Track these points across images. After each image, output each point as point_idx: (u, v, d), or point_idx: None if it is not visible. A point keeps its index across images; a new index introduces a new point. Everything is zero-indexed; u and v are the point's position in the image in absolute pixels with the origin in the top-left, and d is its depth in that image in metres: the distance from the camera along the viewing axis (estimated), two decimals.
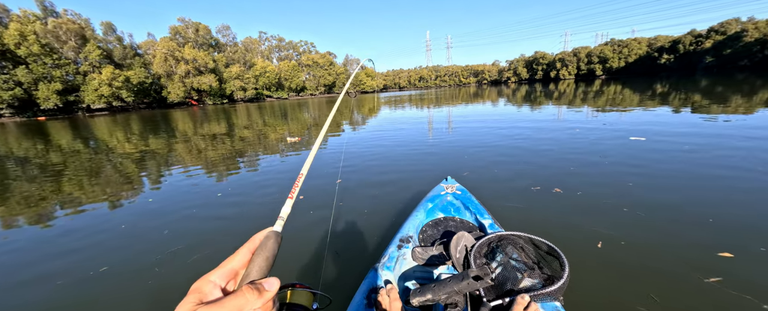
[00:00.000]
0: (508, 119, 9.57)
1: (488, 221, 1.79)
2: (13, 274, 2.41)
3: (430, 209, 1.99)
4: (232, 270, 0.40)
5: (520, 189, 3.44)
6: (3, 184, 5.33)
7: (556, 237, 2.34)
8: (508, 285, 0.98)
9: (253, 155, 6.57)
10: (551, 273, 1.00)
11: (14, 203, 4.23)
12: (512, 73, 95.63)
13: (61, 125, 20.80)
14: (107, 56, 41.78)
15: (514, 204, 3.03)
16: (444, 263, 1.47)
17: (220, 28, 62.63)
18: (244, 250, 0.42)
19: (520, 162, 4.57)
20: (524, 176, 3.91)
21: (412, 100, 26.23)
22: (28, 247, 2.86)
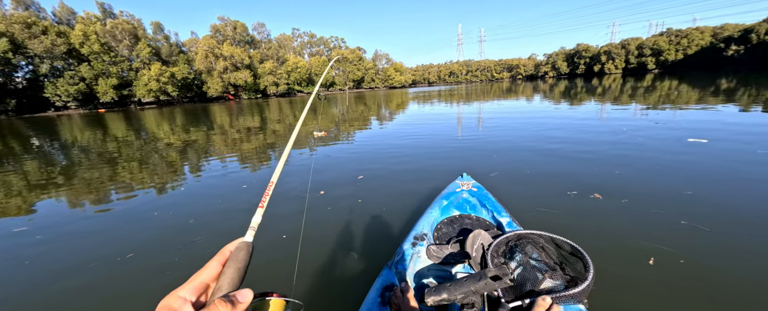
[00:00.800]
0: (544, 117, 9.04)
1: (506, 220, 1.74)
2: (57, 254, 2.65)
3: (445, 206, 1.95)
4: (202, 283, 0.38)
5: (553, 193, 3.23)
6: (69, 169, 6.01)
7: (594, 248, 2.15)
8: (527, 286, 0.94)
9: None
10: (574, 275, 0.95)
11: (77, 186, 4.75)
12: (550, 67, 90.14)
13: (117, 117, 23.03)
14: (156, 54, 45.41)
15: (546, 209, 2.84)
16: (460, 262, 1.44)
17: (256, 26, 65.48)
18: (213, 262, 0.41)
19: (555, 163, 4.29)
20: (559, 178, 3.66)
21: (441, 95, 25.70)
22: (77, 229, 3.19)
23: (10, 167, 6.42)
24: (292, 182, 4.18)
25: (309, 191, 3.77)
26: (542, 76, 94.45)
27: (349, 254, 2.33)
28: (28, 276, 2.32)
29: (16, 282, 2.28)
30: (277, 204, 3.44)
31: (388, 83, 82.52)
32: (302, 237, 2.64)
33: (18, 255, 2.64)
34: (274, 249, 2.46)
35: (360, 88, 77.00)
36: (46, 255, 2.60)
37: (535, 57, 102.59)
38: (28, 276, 2.32)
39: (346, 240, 2.53)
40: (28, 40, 34.24)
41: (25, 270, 2.40)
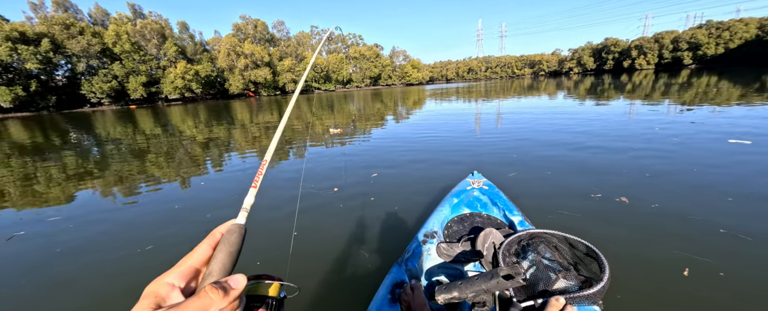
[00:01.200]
0: (567, 115, 8.67)
1: (518, 218, 1.72)
2: (84, 244, 2.81)
3: (455, 204, 1.94)
4: (192, 268, 0.36)
5: (576, 195, 3.08)
6: (103, 162, 6.39)
7: (620, 256, 2.05)
8: (540, 286, 0.93)
9: (301, 144, 6.92)
10: (589, 275, 0.92)
11: (108, 178, 5.04)
12: (575, 63, 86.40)
13: (146, 113, 24.27)
14: (181, 52, 47.33)
15: (567, 211, 2.72)
16: (470, 260, 1.43)
17: (276, 24, 66.82)
18: (203, 246, 0.38)
19: (578, 164, 4.11)
20: (582, 179, 3.49)
21: (459, 92, 25.26)
22: (105, 219, 3.37)
23: (51, 159, 6.90)
24: (309, 179, 4.23)
25: (300, 187, 3.81)
26: (566, 72, 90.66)
27: (359, 251, 2.34)
28: (56, 264, 2.48)
29: (45, 268, 2.44)
30: (283, 201, 3.49)
31: (405, 80, 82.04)
32: (293, 233, 2.67)
33: (51, 242, 2.83)
34: (282, 245, 2.51)
35: (377, 85, 77.01)
36: (74, 244, 2.77)
37: (559, 52, 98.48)
38: (56, 264, 2.48)
39: (356, 238, 2.53)
40: (66, 40, 36.62)
41: (55, 258, 2.56)
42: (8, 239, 2.92)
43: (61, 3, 42.19)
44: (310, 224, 2.82)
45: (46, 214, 3.52)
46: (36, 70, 34.11)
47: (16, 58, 31.73)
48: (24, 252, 2.69)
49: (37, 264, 2.50)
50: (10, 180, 5.19)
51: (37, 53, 32.60)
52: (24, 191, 4.52)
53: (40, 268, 2.43)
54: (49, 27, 36.10)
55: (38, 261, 2.53)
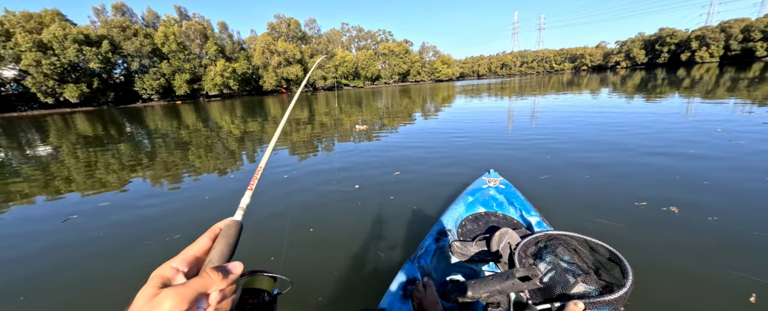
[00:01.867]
0: (612, 113, 8.04)
1: (535, 219, 1.67)
2: (124, 230, 3.06)
3: (470, 202, 1.91)
4: (193, 256, 0.40)
5: (617, 202, 2.86)
6: (152, 153, 7.02)
7: (667, 273, 1.87)
8: (557, 289, 0.90)
9: (328, 141, 7.08)
10: (610, 280, 0.89)
11: (155, 169, 5.52)
12: (623, 56, 79.53)
13: (189, 108, 26.19)
14: (221, 51, 50.31)
15: (606, 220, 2.52)
16: (484, 260, 1.41)
17: (308, 22, 68.65)
18: (204, 238, 0.43)
19: (621, 167, 3.79)
20: (625, 185, 3.23)
21: (491, 89, 24.37)
22: (146, 206, 3.69)
23: (109, 149, 7.71)
24: (331, 176, 4.33)
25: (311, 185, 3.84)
26: (612, 66, 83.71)
27: (373, 248, 2.36)
28: (96, 248, 2.72)
29: (86, 249, 2.70)
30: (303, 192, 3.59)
31: (434, 76, 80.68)
32: (309, 229, 2.72)
33: (96, 226, 3.12)
34: (296, 239, 2.59)
35: (405, 81, 76.52)
36: (115, 230, 3.04)
37: (604, 45, 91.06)
38: (96, 248, 2.72)
39: (371, 235, 2.55)
40: (123, 41, 40.46)
41: (96, 243, 2.81)
42: (63, 221, 3.29)
43: (119, 7, 46.63)
44: (327, 220, 2.88)
45: (97, 200, 3.92)
46: (98, 69, 38.10)
47: (82, 59, 35.67)
48: (73, 234, 3.01)
49: (81, 245, 2.79)
50: (75, 167, 5.88)
51: (98, 54, 36.39)
52: (84, 178, 5.10)
53: (82, 249, 2.71)
54: (109, 30, 40.08)
55: (83, 243, 2.82)
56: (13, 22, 32.90)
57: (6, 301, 2.08)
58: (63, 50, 33.59)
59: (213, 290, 0.36)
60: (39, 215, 3.56)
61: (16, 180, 5.14)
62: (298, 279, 2.02)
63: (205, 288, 0.35)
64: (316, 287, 1.96)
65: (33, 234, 3.07)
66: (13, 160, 7.02)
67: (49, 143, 9.38)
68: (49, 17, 35.47)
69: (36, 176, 5.36)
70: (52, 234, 3.04)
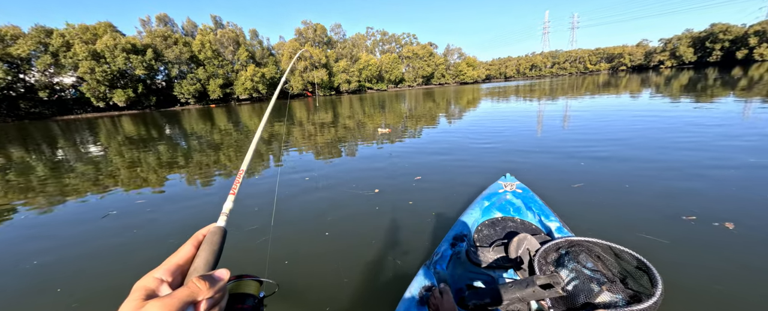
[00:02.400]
0: (654, 116, 7.47)
1: (555, 224, 1.60)
2: (155, 227, 3.24)
3: (486, 207, 1.87)
4: (177, 265, 0.40)
5: (661, 215, 2.61)
6: (189, 153, 7.49)
7: (719, 298, 1.68)
8: (581, 298, 0.86)
9: (352, 143, 7.18)
10: (638, 290, 0.85)
11: (189, 168, 5.88)
12: (668, 55, 73.87)
13: (221, 111, 27.71)
14: (251, 57, 52.88)
15: (650, 236, 2.31)
16: (502, 266, 1.38)
17: (333, 27, 70.45)
18: (187, 245, 0.42)
19: (666, 177, 3.48)
20: (671, 198, 2.94)
21: (519, 91, 23.57)
22: (176, 204, 3.92)
23: (150, 149, 8.33)
24: (350, 180, 4.37)
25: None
26: (656, 66, 77.92)
27: (389, 253, 2.34)
28: (129, 243, 2.89)
29: (120, 244, 2.87)
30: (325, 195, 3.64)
31: (459, 79, 79.45)
32: (325, 233, 2.74)
33: (131, 223, 3.32)
34: (312, 243, 2.63)
35: (429, 84, 76.03)
36: (147, 227, 3.22)
37: (646, 43, 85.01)
38: (129, 243, 2.89)
39: (387, 240, 2.52)
40: (164, 49, 43.75)
41: (129, 238, 2.99)
42: (103, 217, 3.55)
43: (162, 18, 50.57)
44: (343, 225, 2.88)
45: (135, 197, 4.21)
46: (142, 75, 41.44)
47: (129, 66, 39.00)
48: (110, 229, 3.23)
49: (116, 240, 2.99)
50: (120, 166, 6.41)
51: (143, 61, 39.61)
52: (126, 175, 5.53)
53: (117, 244, 2.90)
54: (153, 39, 43.53)
55: (117, 238, 3.02)
56: (72, 34, 36.69)
57: (43, 294, 2.29)
58: (113, 59, 36.95)
59: (200, 299, 0.35)
60: (83, 209, 3.92)
61: (71, 176, 5.70)
62: (312, 285, 2.04)
63: (191, 298, 0.34)
64: (331, 293, 1.96)
65: (76, 226, 3.38)
66: (71, 158, 7.79)
67: (100, 143, 10.32)
68: (102, 29, 39.17)
69: (88, 172, 5.91)
70: (93, 227, 3.33)
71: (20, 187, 5.18)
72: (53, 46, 34.93)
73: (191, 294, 0.35)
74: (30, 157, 8.34)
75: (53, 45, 34.91)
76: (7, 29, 34.01)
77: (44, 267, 2.56)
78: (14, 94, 34.56)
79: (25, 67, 34.76)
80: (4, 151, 9.78)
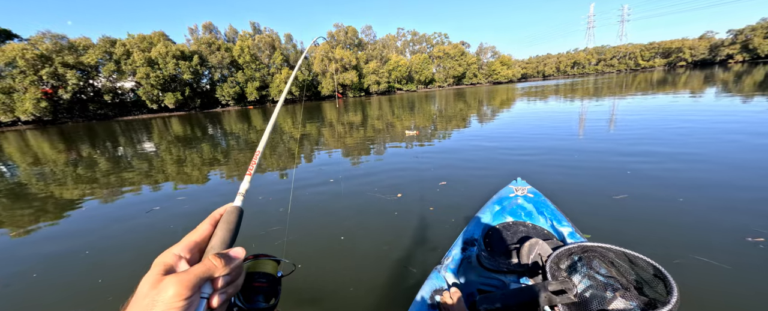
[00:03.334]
0: (720, 119, 6.69)
1: (567, 230, 1.58)
2: (189, 221, 3.51)
3: (497, 211, 1.86)
4: (194, 242, 0.41)
5: (722, 235, 2.29)
6: (227, 152, 8.04)
7: None
8: (594, 305, 0.87)
9: (380, 145, 7.25)
10: (653, 297, 0.85)
11: (229, 165, 6.30)
12: (739, 48, 65.59)
13: (258, 112, 29.34)
14: (286, 60, 55.46)
15: (707, 258, 2.03)
16: (513, 271, 1.38)
17: (364, 29, 71.65)
18: (205, 224, 0.44)
19: (730, 189, 3.06)
20: (736, 213, 2.58)
21: (559, 90, 22.29)
22: (211, 199, 4.19)
23: (194, 147, 9.05)
24: (371, 183, 4.41)
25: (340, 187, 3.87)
26: (723, 61, 69.49)
27: (402, 259, 2.33)
28: (165, 238, 3.05)
29: (157, 241, 3.03)
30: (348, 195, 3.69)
31: (492, 78, 76.89)
32: (341, 238, 2.76)
33: (171, 218, 3.56)
34: (328, 244, 2.68)
35: (460, 84, 74.45)
36: (183, 223, 3.42)
37: (710, 36, 76.14)
38: (165, 238, 3.05)
39: (402, 246, 2.51)
40: (208, 55, 47.36)
41: (167, 233, 3.19)
42: (147, 212, 3.84)
43: (207, 26, 54.78)
44: (360, 230, 2.88)
45: (176, 194, 4.54)
46: (189, 80, 45.19)
47: (178, 71, 42.76)
48: (151, 225, 3.44)
49: (156, 235, 3.17)
50: (168, 163, 7.03)
51: (190, 67, 43.21)
52: (172, 172, 6.06)
53: (155, 240, 3.07)
54: (198, 46, 47.33)
55: (156, 233, 3.21)
56: (132, 44, 41.00)
57: (85, 284, 2.57)
58: (165, 65, 40.74)
59: (216, 275, 0.37)
60: (128, 203, 4.35)
61: (129, 170, 6.37)
62: (324, 289, 2.08)
63: (207, 274, 0.36)
64: (341, 297, 2.00)
65: (121, 220, 3.77)
66: (129, 154, 8.71)
67: (153, 141, 11.41)
68: (156, 38, 43.30)
69: (142, 167, 6.57)
70: (137, 221, 3.69)
71: (87, 178, 5.90)
72: (116, 55, 39.31)
73: (207, 271, 0.36)
74: (96, 153, 9.45)
75: (116, 54, 39.28)
76: (80, 41, 38.89)
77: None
78: (85, 97, 39.40)
79: (93, 74, 39.51)
80: (76, 147, 11.19)
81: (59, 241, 3.23)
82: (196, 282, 0.34)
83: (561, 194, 3.28)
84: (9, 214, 4.24)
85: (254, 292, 0.46)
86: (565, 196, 3.21)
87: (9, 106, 32.97)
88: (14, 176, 6.98)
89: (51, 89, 35.71)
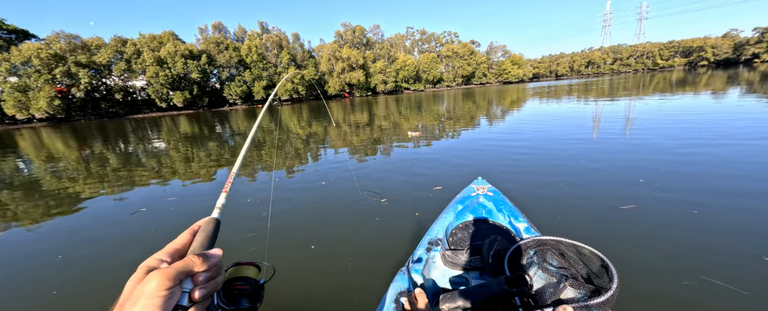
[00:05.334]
0: (745, 122, 6.49)
1: (523, 225, 1.69)
2: (177, 228, 3.57)
3: (459, 211, 1.93)
4: (175, 249, 0.46)
5: (739, 255, 2.12)
6: (234, 149, 8.18)
7: None
8: (547, 295, 0.94)
9: (379, 147, 7.27)
10: (598, 284, 0.94)
11: (222, 165, 6.41)
12: (765, 47, 63.46)
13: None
14: (293, 59, 56.06)
15: (720, 280, 1.87)
16: (476, 268, 1.45)
17: (372, 28, 71.88)
18: (185, 234, 0.49)
19: (751, 202, 2.87)
20: (755, 230, 2.41)
21: (573, 90, 21.96)
22: (204, 206, 4.27)
23: (200, 146, 9.24)
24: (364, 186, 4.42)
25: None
26: (748, 60, 67.32)
27: (373, 265, 2.33)
28: (145, 243, 3.03)
29: (137, 244, 2.99)
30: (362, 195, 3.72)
31: (502, 78, 76.15)
32: (311, 246, 2.77)
33: (163, 221, 3.61)
34: (298, 251, 2.70)
35: (469, 84, 73.95)
36: (169, 226, 3.35)
37: (735, 34, 73.80)
38: (145, 243, 3.03)
39: (374, 252, 2.50)
40: (217, 55, 48.23)
41: (147, 236, 3.30)
42: (132, 213, 3.71)
43: (216, 26, 55.82)
44: (332, 238, 2.82)
45: (166, 194, 4.47)
46: (197, 79, 46.11)
47: (187, 70, 43.67)
48: (133, 228, 3.34)
49: (136, 239, 3.12)
50: (166, 163, 7.19)
51: (198, 66, 44.08)
52: (170, 171, 6.19)
53: (135, 243, 3.02)
54: (207, 45, 48.24)
55: (136, 237, 3.15)
56: (142, 43, 42.04)
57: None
58: (173, 64, 41.64)
59: (195, 270, 0.41)
60: (146, 196, 4.47)
61: (144, 166, 6.55)
62: (291, 300, 2.07)
63: (187, 268, 0.40)
64: (309, 304, 2.03)
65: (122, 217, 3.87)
66: (139, 152, 8.94)
67: (162, 139, 11.69)
68: (166, 37, 44.29)
69: (151, 164, 6.74)
70: (124, 222, 3.78)
71: (98, 174, 6.09)
72: (127, 54, 40.38)
73: (187, 266, 0.40)
74: (108, 149, 9.73)
75: (127, 53, 40.36)
76: (93, 40, 40.08)
77: None
78: (98, 95, 40.57)
79: (105, 73, 40.68)
80: (88, 144, 11.54)
81: (31, 245, 3.17)
82: (176, 275, 0.38)
83: (568, 201, 3.25)
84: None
85: (238, 295, 0.51)
86: (579, 201, 3.18)
87: (24, 104, 34.18)
88: (30, 171, 7.25)
89: (65, 88, 36.91)
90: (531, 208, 2.94)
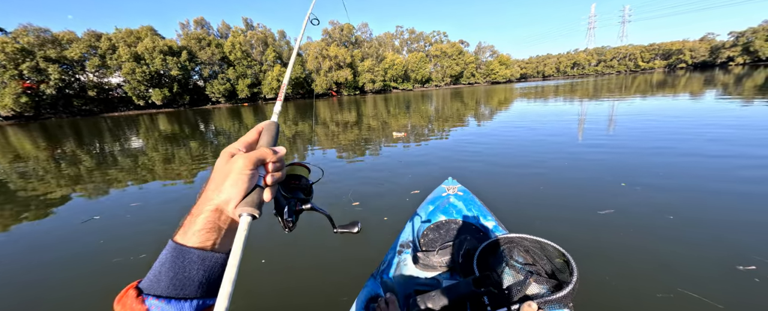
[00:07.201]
0: (721, 123, 6.83)
1: (492, 224, 1.73)
2: (137, 241, 3.50)
3: (430, 211, 1.94)
4: (248, 143, 0.55)
5: (715, 265, 2.04)
6: (216, 150, 8.00)
7: None
8: (514, 291, 0.98)
9: (362, 147, 7.27)
10: (561, 279, 0.97)
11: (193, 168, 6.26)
12: (739, 50, 66.90)
13: (250, 110, 29.19)
14: (278, 57, 55.26)
15: (696, 293, 1.78)
16: (448, 268, 1.46)
17: (360, 26, 71.66)
18: (253, 132, 0.57)
19: (725, 208, 2.80)
20: (731, 238, 2.33)
21: (559, 91, 22.54)
22: (167, 214, 4.16)
23: (182, 145, 8.99)
24: (338, 190, 4.41)
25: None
26: (723, 63, 70.83)
27: (335, 274, 2.28)
28: (91, 256, 2.72)
29: (83, 259, 2.68)
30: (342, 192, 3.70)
31: (490, 78, 77.39)
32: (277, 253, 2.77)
33: (110, 231, 3.22)
34: None
35: (458, 83, 74.80)
36: (126, 239, 3.24)
37: (711, 38, 77.51)
38: (91, 256, 2.72)
39: (333, 260, 2.46)
40: (198, 51, 46.97)
41: (96, 248, 3.23)
42: (83, 222, 3.35)
43: (199, 21, 54.40)
44: (292, 244, 2.73)
45: (130, 200, 4.16)
46: (178, 76, 44.78)
47: (166, 67, 42.33)
48: (80, 238, 3.02)
49: (79, 251, 2.77)
50: (157, 160, 6.97)
51: (178, 62, 42.81)
52: (141, 174, 6.01)
53: (76, 257, 2.67)
54: (188, 41, 46.92)
55: (80, 249, 2.82)
56: (118, 38, 40.52)
57: None
58: (151, 60, 40.28)
59: (268, 160, 0.50)
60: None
61: (116, 166, 6.31)
62: (257, 306, 2.03)
63: (263, 156, 0.49)
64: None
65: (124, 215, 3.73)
66: (116, 152, 8.62)
67: (141, 138, 11.30)
68: (144, 32, 42.84)
69: (126, 164, 6.52)
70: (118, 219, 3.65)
71: (61, 176, 5.83)
72: (101, 49, 38.82)
73: (262, 154, 0.49)
74: (81, 149, 9.34)
75: (101, 48, 38.80)
76: (64, 34, 38.34)
77: None
78: (70, 92, 38.82)
79: (77, 69, 38.97)
80: (61, 144, 11.04)
81: None
82: (256, 160, 0.47)
83: (547, 207, 3.32)
84: None
85: (294, 188, 0.64)
86: (570, 202, 3.27)
87: None
88: None
89: (34, 84, 35.16)
90: (501, 207, 2.93)
